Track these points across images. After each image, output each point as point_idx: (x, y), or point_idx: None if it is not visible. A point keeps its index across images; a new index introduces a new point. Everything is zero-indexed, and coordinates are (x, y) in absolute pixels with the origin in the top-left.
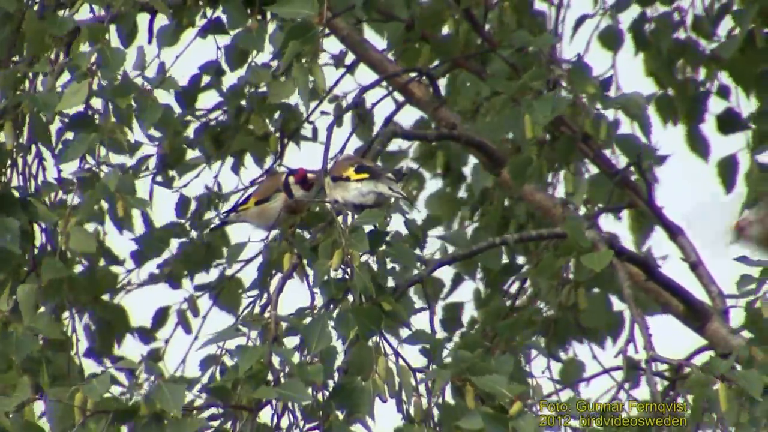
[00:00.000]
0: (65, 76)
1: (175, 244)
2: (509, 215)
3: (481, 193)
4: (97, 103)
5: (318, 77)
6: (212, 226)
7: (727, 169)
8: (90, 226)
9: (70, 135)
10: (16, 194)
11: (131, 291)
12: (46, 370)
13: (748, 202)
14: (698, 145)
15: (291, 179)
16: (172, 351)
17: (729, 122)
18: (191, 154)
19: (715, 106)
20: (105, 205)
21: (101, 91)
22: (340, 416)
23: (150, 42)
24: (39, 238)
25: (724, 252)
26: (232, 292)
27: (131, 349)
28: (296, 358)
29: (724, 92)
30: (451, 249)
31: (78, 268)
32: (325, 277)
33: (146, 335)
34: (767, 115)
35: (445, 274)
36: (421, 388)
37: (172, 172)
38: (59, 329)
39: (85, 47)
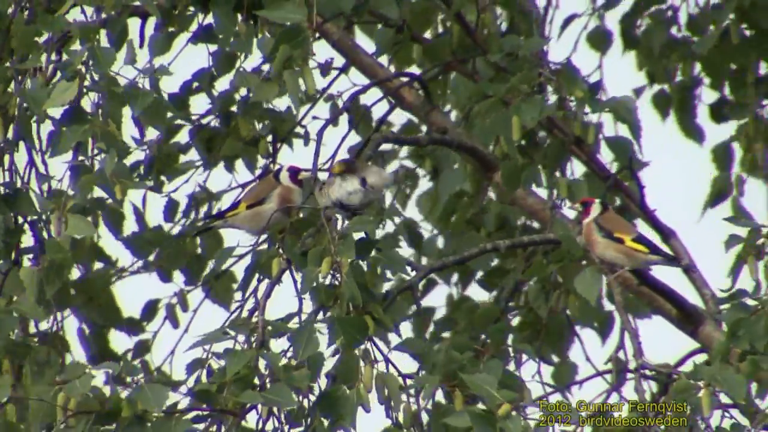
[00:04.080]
0: (54, 80)
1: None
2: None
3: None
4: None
5: (309, 80)
6: (195, 231)
7: (722, 156)
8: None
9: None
10: (1, 190)
11: (123, 278)
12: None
13: (711, 201)
14: (692, 132)
15: (285, 173)
16: (162, 342)
17: (722, 111)
18: (183, 159)
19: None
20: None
21: (94, 86)
22: (325, 423)
23: (141, 46)
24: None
25: None
26: (224, 287)
27: (119, 341)
28: (283, 362)
29: (717, 84)
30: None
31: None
32: (314, 284)
33: (134, 327)
34: (742, 107)
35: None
36: (411, 393)
37: (162, 177)
38: (44, 313)
39: (76, 46)
